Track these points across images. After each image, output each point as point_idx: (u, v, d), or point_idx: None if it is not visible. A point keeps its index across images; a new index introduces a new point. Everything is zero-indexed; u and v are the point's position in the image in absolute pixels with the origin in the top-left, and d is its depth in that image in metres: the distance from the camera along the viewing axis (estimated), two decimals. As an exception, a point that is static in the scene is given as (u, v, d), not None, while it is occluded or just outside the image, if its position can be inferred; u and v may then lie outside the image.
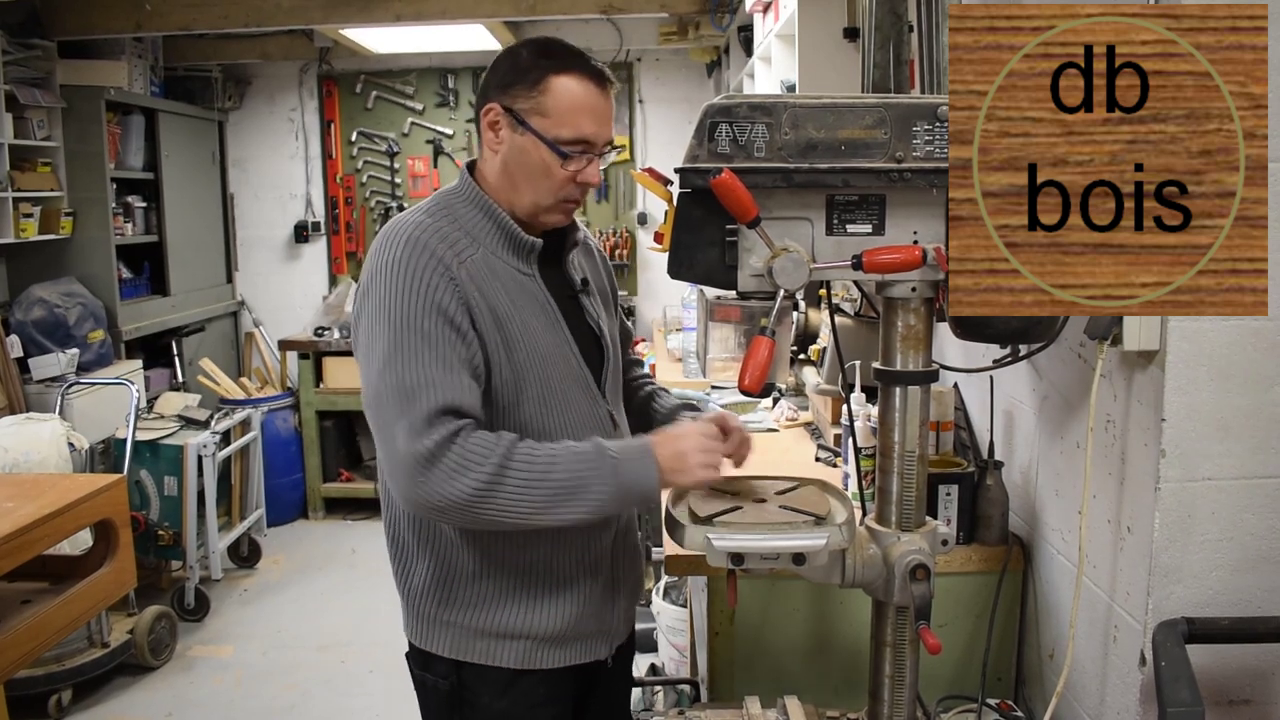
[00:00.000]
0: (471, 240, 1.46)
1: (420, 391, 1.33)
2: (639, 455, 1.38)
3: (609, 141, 1.48)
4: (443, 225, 1.45)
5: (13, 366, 3.97)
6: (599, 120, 1.45)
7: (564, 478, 1.35)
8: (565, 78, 1.43)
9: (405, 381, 1.34)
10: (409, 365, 1.35)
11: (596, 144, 1.45)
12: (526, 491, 1.33)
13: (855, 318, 2.49)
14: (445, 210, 1.49)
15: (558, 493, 1.34)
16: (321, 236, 5.80)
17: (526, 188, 1.47)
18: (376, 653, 3.74)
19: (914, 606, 1.33)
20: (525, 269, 1.50)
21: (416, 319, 1.36)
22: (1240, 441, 1.40)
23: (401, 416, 1.33)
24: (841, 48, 2.69)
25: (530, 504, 1.34)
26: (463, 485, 1.31)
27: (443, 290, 1.38)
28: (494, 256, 1.47)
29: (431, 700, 1.58)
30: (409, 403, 1.33)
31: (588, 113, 1.43)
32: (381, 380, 1.36)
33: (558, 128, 1.42)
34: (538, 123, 1.43)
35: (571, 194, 1.47)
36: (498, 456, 1.33)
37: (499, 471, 1.32)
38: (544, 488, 1.34)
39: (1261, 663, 1.45)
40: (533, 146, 1.44)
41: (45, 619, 2.02)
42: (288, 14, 4.51)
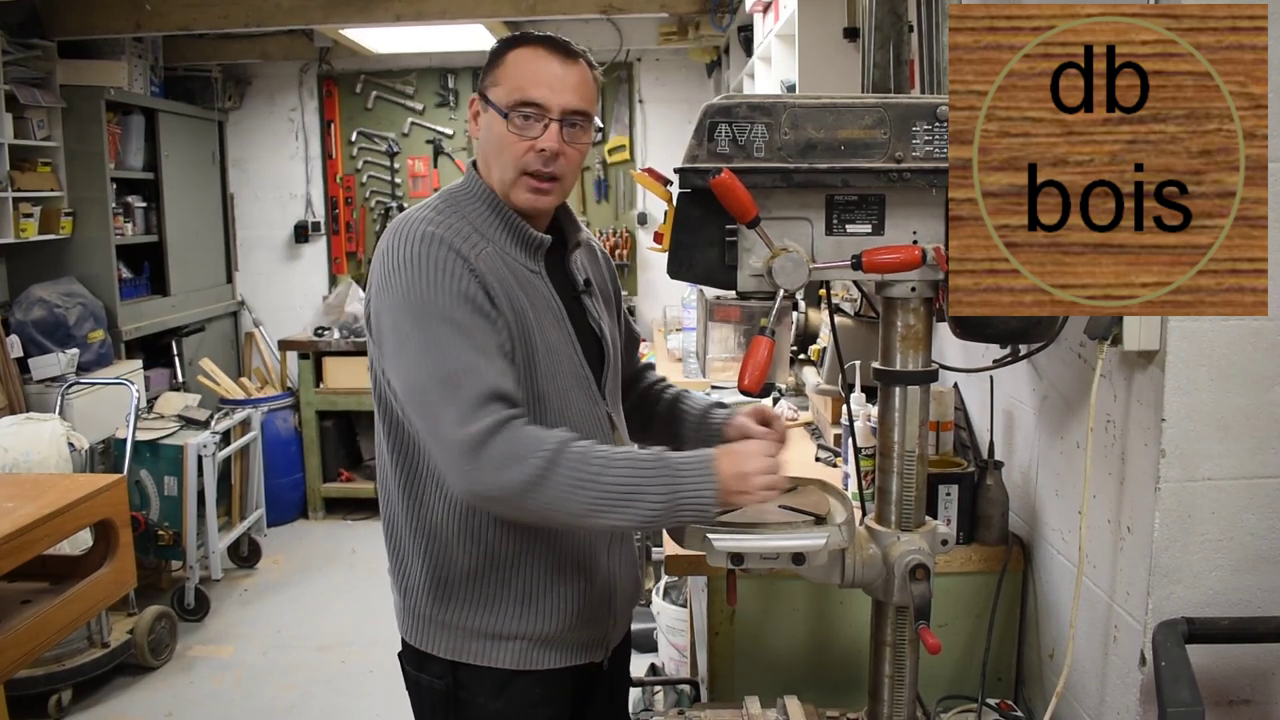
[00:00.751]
0: (481, 236, 1.45)
1: (463, 378, 1.32)
2: (699, 468, 1.32)
3: (576, 110, 1.43)
4: (453, 221, 1.44)
5: (13, 366, 3.97)
6: (553, 86, 1.42)
7: (618, 482, 1.31)
8: (519, 49, 1.45)
9: (446, 370, 1.33)
10: (447, 355, 1.33)
11: (549, 108, 1.41)
12: (576, 491, 1.30)
13: (855, 318, 2.49)
14: (453, 207, 1.48)
15: (609, 496, 1.30)
16: (321, 236, 5.80)
17: (495, 164, 1.46)
18: (376, 653, 3.74)
19: (914, 606, 1.33)
20: (532, 266, 1.50)
21: (445, 309, 1.35)
22: (1240, 441, 1.40)
23: (448, 405, 1.32)
24: (841, 48, 2.69)
25: (580, 503, 1.30)
26: (512, 476, 1.29)
27: (466, 279, 1.37)
28: (503, 252, 1.46)
29: (426, 700, 1.58)
30: (454, 391, 1.32)
31: (535, 77, 1.42)
32: (421, 373, 1.34)
33: (507, 95, 1.42)
34: (493, 94, 1.45)
35: (530, 163, 1.43)
36: (549, 451, 1.30)
37: (548, 466, 1.29)
38: (596, 489, 1.30)
39: (1261, 663, 1.45)
40: (491, 120, 1.45)
41: (45, 619, 2.02)
42: (288, 14, 4.51)
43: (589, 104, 1.46)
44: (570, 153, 1.45)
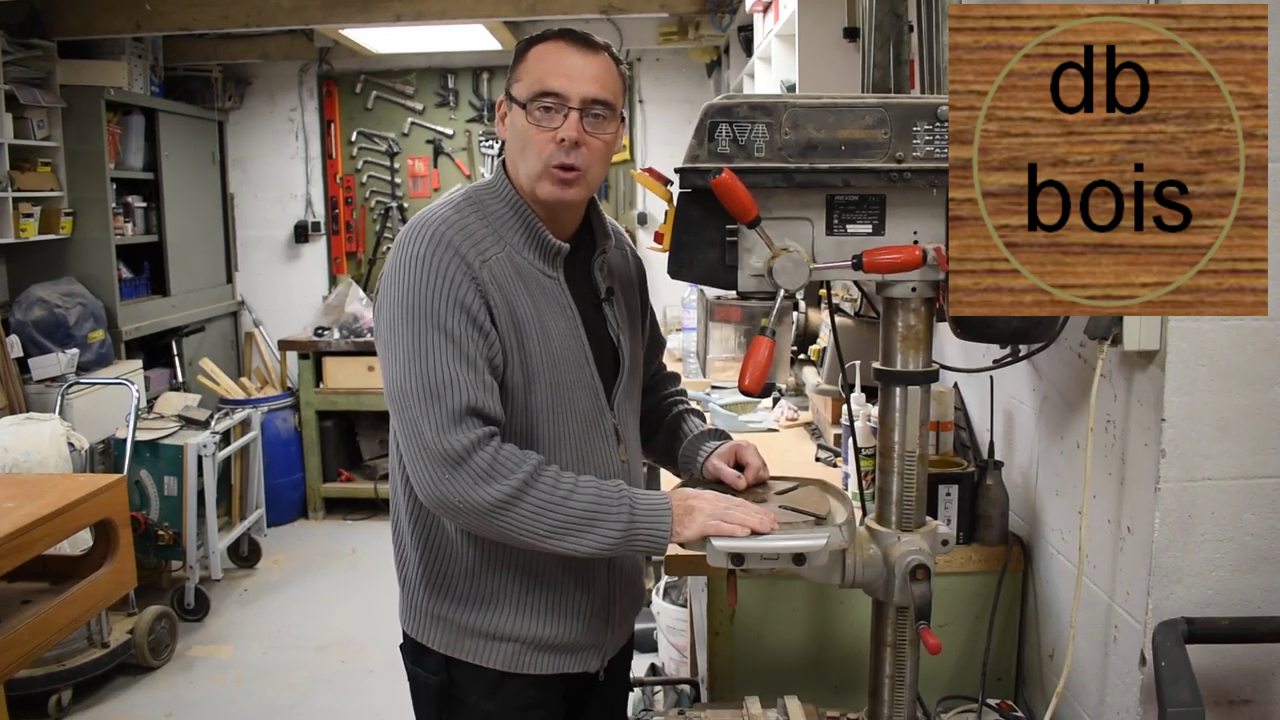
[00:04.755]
0: (498, 239, 1.45)
1: (446, 390, 1.34)
2: (657, 503, 1.38)
3: (597, 100, 1.42)
4: (469, 221, 1.44)
5: (13, 366, 3.97)
6: (572, 76, 1.41)
7: (581, 508, 1.35)
8: (540, 45, 1.45)
9: (431, 379, 1.34)
10: (434, 362, 1.35)
11: (568, 98, 1.40)
12: (543, 513, 1.33)
13: (855, 318, 2.49)
14: (474, 205, 1.47)
15: (572, 521, 1.34)
16: (321, 236, 5.80)
17: (520, 160, 1.45)
18: (376, 653, 3.74)
19: (914, 606, 1.33)
20: (550, 271, 1.49)
21: (439, 315, 1.36)
22: (1240, 441, 1.40)
23: (428, 413, 1.34)
24: (841, 48, 2.69)
25: (544, 526, 1.34)
26: (486, 493, 1.32)
27: (465, 287, 1.38)
28: (519, 256, 1.46)
29: (423, 696, 1.59)
30: (435, 400, 1.34)
31: (554, 68, 1.41)
32: (406, 375, 1.36)
33: (527, 88, 1.42)
34: (515, 90, 1.45)
35: (555, 156, 1.41)
36: (524, 473, 1.33)
37: (523, 488, 1.33)
38: (560, 513, 1.34)
39: (1261, 663, 1.45)
40: (515, 116, 1.45)
41: (45, 619, 2.02)
42: (288, 14, 4.51)
43: (611, 94, 1.44)
44: (594, 143, 1.43)
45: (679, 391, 1.81)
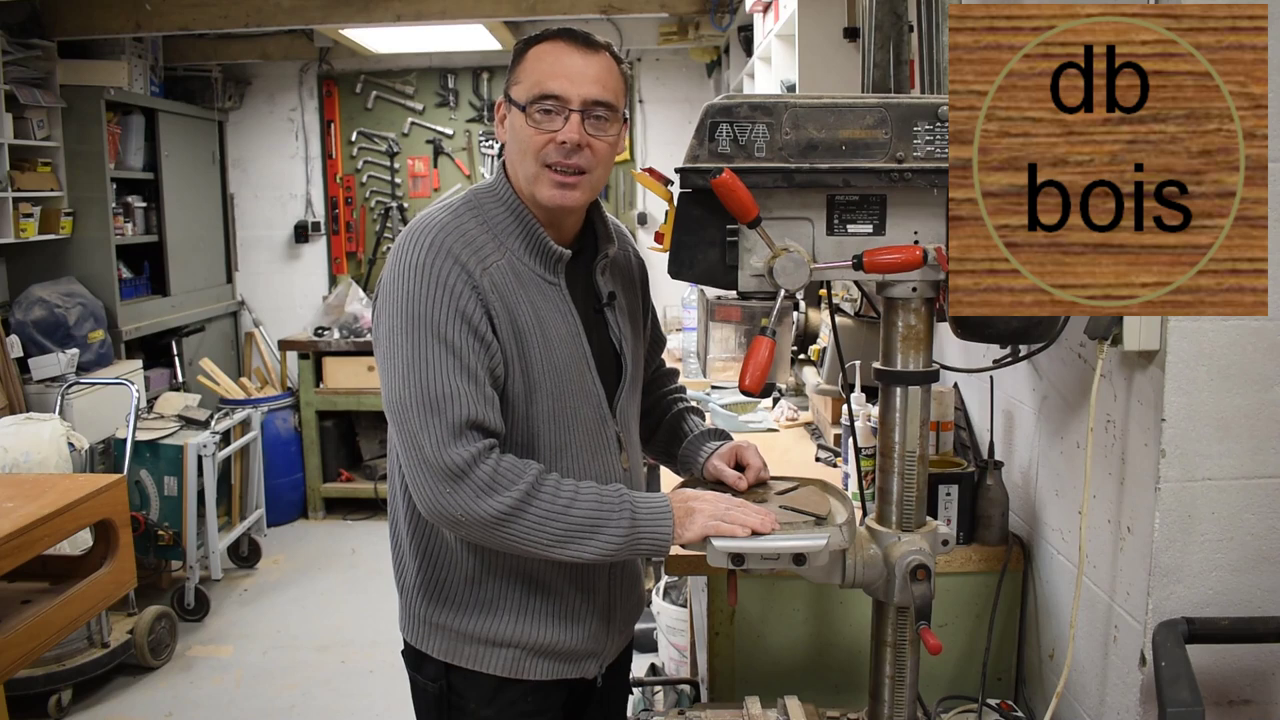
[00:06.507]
0: (498, 244, 1.43)
1: (446, 403, 1.32)
2: (658, 505, 1.38)
3: (598, 101, 1.39)
4: (469, 227, 1.42)
5: (13, 366, 3.97)
6: (573, 78, 1.39)
7: (583, 515, 1.34)
8: (539, 45, 1.43)
9: (430, 391, 1.33)
10: (434, 374, 1.33)
11: (568, 100, 1.38)
12: (546, 523, 1.33)
13: (855, 318, 2.49)
14: (474, 209, 1.45)
15: (574, 529, 1.34)
16: (321, 236, 5.80)
17: (519, 163, 1.43)
18: (376, 653, 3.74)
19: (914, 607, 1.33)
20: (551, 277, 1.47)
21: (439, 325, 1.34)
22: (1240, 441, 1.40)
23: (427, 426, 1.32)
24: (841, 48, 2.69)
25: (548, 535, 1.34)
26: (489, 506, 1.31)
27: (467, 297, 1.36)
28: (520, 262, 1.44)
29: (423, 702, 1.58)
30: (435, 413, 1.32)
31: (554, 69, 1.39)
32: (406, 387, 1.34)
33: (527, 91, 1.40)
34: (515, 92, 1.42)
35: (550, 156, 1.39)
36: (525, 484, 1.33)
37: (524, 499, 1.32)
38: (563, 522, 1.34)
39: (1261, 663, 1.45)
40: (514, 118, 1.42)
41: (45, 619, 2.02)
42: (288, 14, 4.51)
43: (612, 95, 1.42)
44: (596, 145, 1.40)
45: (678, 389, 1.80)
